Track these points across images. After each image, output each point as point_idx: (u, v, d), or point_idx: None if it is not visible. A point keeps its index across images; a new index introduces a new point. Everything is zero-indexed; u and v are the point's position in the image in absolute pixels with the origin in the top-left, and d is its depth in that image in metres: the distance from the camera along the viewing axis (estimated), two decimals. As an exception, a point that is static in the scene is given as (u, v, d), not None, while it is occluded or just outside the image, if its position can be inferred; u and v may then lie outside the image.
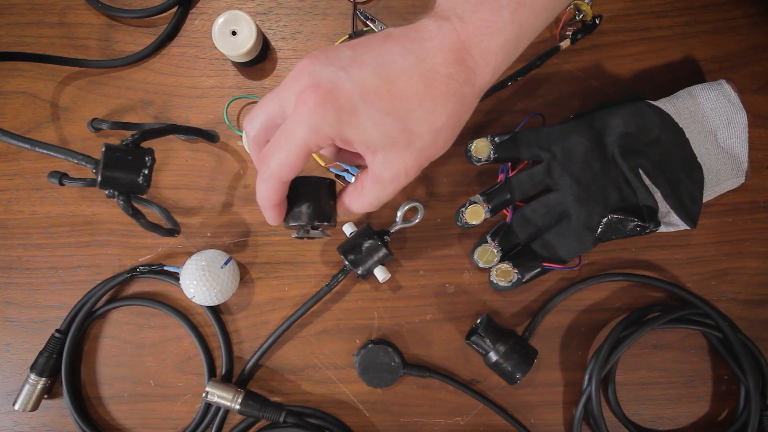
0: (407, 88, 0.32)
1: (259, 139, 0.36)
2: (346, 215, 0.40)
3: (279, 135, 0.33)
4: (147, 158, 0.39)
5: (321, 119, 0.32)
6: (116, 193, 0.39)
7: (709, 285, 0.50)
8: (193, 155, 0.52)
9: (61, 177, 0.41)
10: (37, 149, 0.38)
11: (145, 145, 0.40)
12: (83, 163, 0.38)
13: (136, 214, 0.40)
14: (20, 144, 0.38)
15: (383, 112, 0.32)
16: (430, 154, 0.35)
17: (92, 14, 0.53)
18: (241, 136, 0.50)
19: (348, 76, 0.31)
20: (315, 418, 0.49)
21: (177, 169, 0.52)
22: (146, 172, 0.39)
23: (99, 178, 0.38)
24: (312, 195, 0.39)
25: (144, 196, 0.42)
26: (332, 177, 0.50)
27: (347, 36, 0.51)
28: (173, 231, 0.45)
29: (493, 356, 0.46)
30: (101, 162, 0.38)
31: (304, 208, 0.38)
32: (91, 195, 0.52)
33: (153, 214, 0.45)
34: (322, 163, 0.50)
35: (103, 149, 0.38)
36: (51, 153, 0.38)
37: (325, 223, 0.39)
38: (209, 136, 0.49)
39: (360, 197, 0.37)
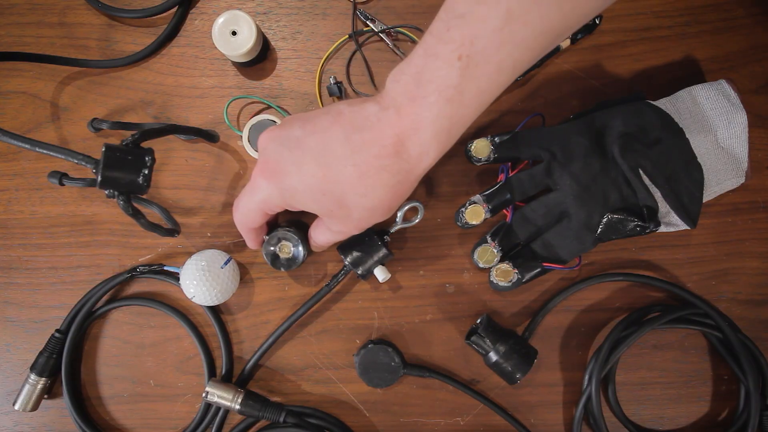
0: (341, 174, 0.36)
1: None
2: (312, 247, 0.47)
3: (243, 192, 0.41)
4: (147, 158, 0.39)
5: (268, 195, 0.39)
6: (116, 193, 0.39)
7: (709, 285, 0.50)
8: (193, 155, 0.52)
9: (61, 177, 0.41)
10: (37, 149, 0.38)
11: (145, 145, 0.40)
12: (83, 163, 0.38)
13: (136, 214, 0.40)
14: (20, 144, 0.38)
15: (319, 193, 0.37)
16: (370, 222, 0.40)
17: (92, 14, 0.53)
18: (241, 136, 0.50)
19: (292, 158, 0.37)
20: (315, 418, 0.49)
21: (177, 169, 0.52)
22: (146, 172, 0.39)
23: (99, 178, 0.38)
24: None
25: (144, 196, 0.42)
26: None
27: (347, 36, 0.51)
28: (173, 231, 0.45)
29: (493, 356, 0.46)
30: (101, 162, 0.37)
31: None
32: (91, 195, 0.52)
33: (153, 214, 0.45)
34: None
35: (103, 149, 0.38)
36: (51, 153, 0.38)
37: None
38: (209, 136, 0.49)
39: (316, 235, 0.44)
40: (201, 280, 0.46)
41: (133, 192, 0.39)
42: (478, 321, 0.47)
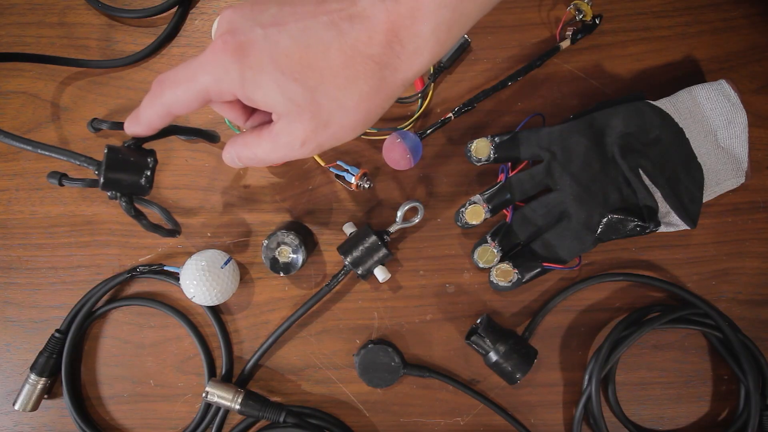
0: (322, 59, 0.31)
1: None
2: (227, 160, 0.38)
3: (184, 69, 0.33)
4: (149, 160, 0.39)
5: (224, 72, 0.31)
6: (118, 194, 0.38)
7: (709, 285, 0.50)
8: (193, 155, 0.52)
9: (61, 177, 0.41)
10: (39, 151, 0.38)
11: (146, 146, 0.40)
12: (85, 165, 0.38)
13: (138, 216, 0.40)
14: (22, 146, 0.38)
15: (291, 78, 0.31)
16: (335, 132, 0.33)
17: (92, 14, 0.53)
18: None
19: (264, 34, 0.31)
20: (315, 418, 0.49)
21: (177, 169, 0.52)
22: (148, 173, 0.39)
23: (101, 180, 0.37)
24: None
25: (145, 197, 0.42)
26: (332, 177, 0.50)
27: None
28: (174, 231, 0.45)
29: (493, 356, 0.46)
30: (103, 164, 0.37)
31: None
32: (91, 195, 0.52)
33: (153, 214, 0.45)
34: (322, 163, 0.50)
35: (106, 151, 0.38)
36: (53, 155, 0.38)
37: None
38: (210, 137, 0.49)
39: (246, 147, 0.36)
40: (201, 280, 0.46)
41: (135, 193, 0.39)
42: (478, 321, 0.47)
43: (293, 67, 0.31)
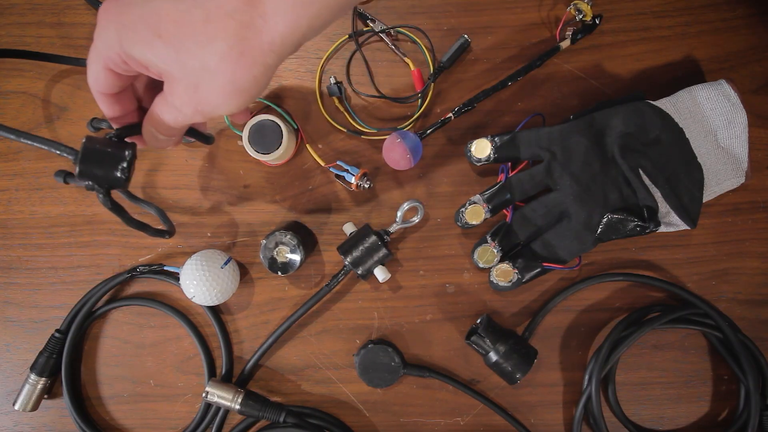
0: (186, 16, 0.31)
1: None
2: (148, 140, 0.39)
3: (92, 45, 0.35)
4: (127, 152, 0.38)
5: (105, 33, 0.33)
6: (95, 186, 0.38)
7: (709, 285, 0.50)
8: (193, 155, 0.52)
9: (66, 176, 0.41)
10: (22, 140, 0.38)
11: (131, 139, 0.40)
12: (64, 154, 0.38)
13: (117, 209, 0.39)
14: (5, 134, 0.37)
15: (157, 34, 0.32)
16: (206, 96, 0.33)
17: (92, 14, 0.53)
18: (241, 137, 0.50)
19: (146, 2, 0.32)
20: (315, 418, 0.49)
21: (176, 169, 0.52)
22: (125, 165, 0.38)
23: (77, 169, 0.37)
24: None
25: (141, 196, 0.41)
26: (332, 177, 0.50)
27: (347, 36, 0.51)
28: (164, 232, 0.44)
29: (493, 356, 0.46)
30: (80, 153, 0.37)
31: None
32: (91, 195, 0.52)
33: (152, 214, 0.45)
34: (322, 163, 0.50)
35: (83, 140, 0.37)
36: (35, 144, 0.38)
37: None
38: (204, 138, 0.49)
39: (156, 118, 0.37)
40: (201, 280, 0.46)
41: (113, 186, 0.39)
42: (478, 321, 0.47)
43: (161, 24, 0.32)
